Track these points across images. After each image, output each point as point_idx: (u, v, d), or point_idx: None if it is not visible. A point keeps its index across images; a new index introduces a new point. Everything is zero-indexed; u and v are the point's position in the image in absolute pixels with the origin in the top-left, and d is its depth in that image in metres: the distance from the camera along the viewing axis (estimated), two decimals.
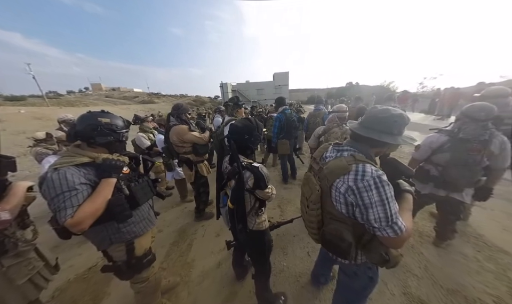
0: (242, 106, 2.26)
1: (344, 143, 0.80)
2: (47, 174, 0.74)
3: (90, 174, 0.82)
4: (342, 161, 0.70)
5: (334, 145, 0.83)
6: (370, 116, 0.73)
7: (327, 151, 0.84)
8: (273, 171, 3.85)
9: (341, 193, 0.68)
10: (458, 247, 1.70)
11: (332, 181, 0.71)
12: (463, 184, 1.31)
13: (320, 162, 0.84)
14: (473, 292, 1.33)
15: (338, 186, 0.69)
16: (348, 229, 0.71)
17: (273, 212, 2.44)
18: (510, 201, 2.31)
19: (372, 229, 0.66)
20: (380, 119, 0.70)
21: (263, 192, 0.95)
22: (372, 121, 0.72)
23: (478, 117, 1.19)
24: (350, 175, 0.66)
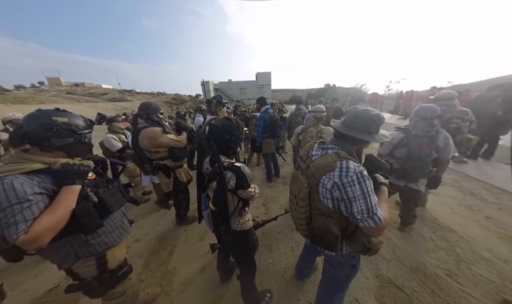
0: (225, 105, 2.21)
1: (329, 142, 0.85)
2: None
3: (46, 182, 0.72)
4: (328, 159, 0.74)
5: (319, 143, 0.88)
6: (352, 116, 0.78)
7: (313, 150, 0.89)
8: (257, 170, 3.89)
9: (328, 189, 0.72)
10: (418, 230, 1.95)
11: (318, 178, 0.75)
12: (417, 174, 1.53)
13: (307, 161, 0.87)
14: (430, 267, 1.54)
15: (325, 183, 0.73)
16: (335, 223, 0.76)
17: (258, 211, 2.47)
18: (456, 188, 2.73)
19: (355, 220, 0.72)
20: (360, 118, 0.76)
21: (246, 192, 0.95)
22: (353, 121, 0.78)
23: (426, 116, 1.41)
24: (335, 172, 0.71)
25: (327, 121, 1.46)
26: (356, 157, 0.78)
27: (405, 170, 1.56)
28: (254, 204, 2.65)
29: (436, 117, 1.41)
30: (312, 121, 2.10)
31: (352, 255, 0.87)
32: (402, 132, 1.57)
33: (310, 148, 0.92)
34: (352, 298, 1.35)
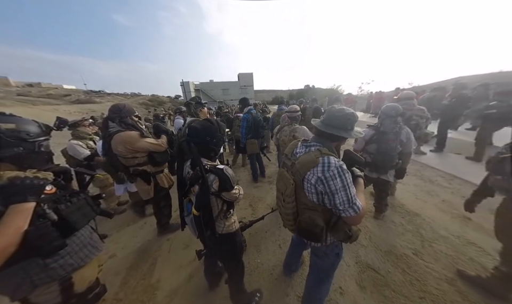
0: (205, 106, 2.15)
1: (311, 139, 0.91)
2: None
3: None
4: (311, 156, 0.79)
5: (302, 141, 0.94)
6: (330, 114, 0.85)
7: (297, 147, 0.93)
8: (243, 171, 3.88)
9: (312, 184, 0.77)
10: (390, 216, 2.16)
11: (303, 174, 0.79)
12: (387, 167, 1.71)
13: (292, 158, 0.91)
14: (401, 249, 1.73)
15: (309, 178, 0.77)
16: (319, 216, 0.81)
17: (245, 212, 2.46)
18: (418, 176, 3.11)
19: (338, 211, 0.77)
20: (337, 117, 0.83)
21: (230, 194, 0.94)
22: (331, 119, 0.84)
23: (391, 114, 1.58)
24: (319, 167, 0.75)
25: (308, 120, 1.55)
26: (335, 153, 0.84)
27: (377, 164, 1.73)
28: (241, 205, 2.63)
29: (399, 114, 1.60)
30: (287, 121, 2.18)
31: (335, 244, 0.93)
32: (372, 129, 1.74)
33: (294, 146, 0.96)
34: (336, 286, 1.44)
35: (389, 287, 1.41)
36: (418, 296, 1.33)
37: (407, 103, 2.32)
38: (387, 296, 1.35)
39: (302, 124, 2.23)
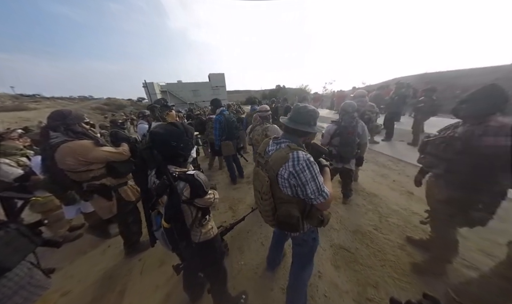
0: (173, 108, 2.00)
1: (281, 136, 0.96)
2: None
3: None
4: (282, 152, 0.85)
5: (273, 139, 0.98)
6: (295, 112, 0.92)
7: (269, 145, 0.97)
8: (221, 174, 3.79)
9: (285, 178, 0.83)
10: (355, 200, 2.46)
11: (276, 170, 0.84)
12: (349, 157, 1.94)
13: (265, 156, 0.95)
14: (365, 227, 1.99)
15: (282, 173, 0.83)
16: (295, 207, 0.87)
17: (225, 215, 2.41)
18: (373, 162, 3.62)
19: (310, 200, 0.85)
20: (301, 114, 0.90)
21: (203, 200, 0.91)
22: (296, 116, 0.90)
23: (348, 110, 1.82)
24: (289, 162, 0.81)
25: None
26: (303, 147, 0.92)
27: (341, 155, 1.95)
28: (221, 209, 2.57)
29: (355, 110, 1.84)
30: (259, 120, 2.25)
31: (312, 230, 1.02)
32: (335, 124, 1.95)
33: (266, 144, 1.00)
34: (315, 271, 1.55)
35: (357, 262, 1.60)
36: (380, 264, 1.56)
37: (360, 100, 2.69)
38: (357, 270, 1.53)
39: (276, 122, 2.33)
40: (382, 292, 1.36)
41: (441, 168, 1.23)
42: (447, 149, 1.16)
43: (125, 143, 1.63)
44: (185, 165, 0.99)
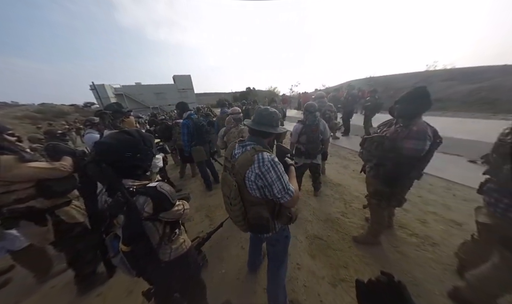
0: (131, 114, 1.75)
1: (246, 139, 0.97)
2: None
3: None
4: (247, 155, 0.85)
5: (239, 142, 0.97)
6: (258, 114, 0.94)
7: (235, 149, 0.96)
8: (194, 181, 3.58)
9: (252, 181, 0.83)
10: (324, 191, 2.70)
11: (243, 173, 0.83)
12: (315, 152, 2.13)
13: (231, 160, 0.94)
14: (333, 215, 2.20)
15: (249, 176, 0.83)
16: (265, 208, 0.88)
17: (201, 225, 2.28)
18: (336, 156, 4.06)
19: (277, 199, 0.87)
20: (263, 116, 0.92)
21: (171, 213, 0.82)
22: (259, 118, 0.92)
23: (311, 110, 2.00)
24: (255, 164, 0.82)
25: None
26: (268, 148, 0.94)
27: (308, 151, 2.12)
28: (196, 218, 2.42)
29: (316, 110, 2.03)
30: (233, 122, 2.25)
31: (283, 229, 1.05)
32: (301, 123, 2.11)
33: (232, 148, 0.99)
34: (294, 264, 1.63)
35: (330, 247, 1.76)
36: (348, 246, 1.75)
37: (320, 101, 2.99)
38: (329, 255, 1.67)
39: None
40: (352, 270, 1.52)
41: (373, 162, 1.47)
42: (378, 146, 1.40)
43: (68, 156, 1.37)
44: (147, 177, 0.89)
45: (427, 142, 1.18)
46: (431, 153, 1.27)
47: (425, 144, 1.19)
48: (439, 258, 1.54)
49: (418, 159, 1.25)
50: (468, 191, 2.34)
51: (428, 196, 2.35)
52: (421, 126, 1.21)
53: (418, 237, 1.76)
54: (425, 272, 1.44)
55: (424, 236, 1.76)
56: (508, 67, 10.81)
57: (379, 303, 0.35)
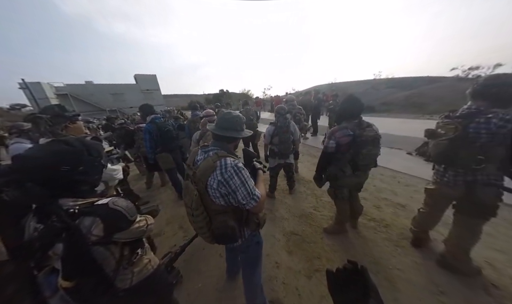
0: (78, 118, 1.44)
1: (210, 144, 0.91)
2: None
3: None
4: (209, 161, 0.81)
5: (201, 148, 0.92)
6: (220, 119, 0.91)
7: (197, 155, 0.91)
8: (165, 191, 3.28)
9: (215, 188, 0.79)
10: (298, 188, 2.86)
11: (205, 181, 0.79)
12: (288, 152, 2.24)
13: (193, 168, 0.88)
14: (307, 210, 2.35)
15: (211, 184, 0.79)
16: (230, 216, 0.84)
17: (174, 238, 2.10)
18: (308, 155, 4.38)
19: (242, 206, 0.83)
20: (226, 120, 0.89)
21: (129, 232, 0.72)
22: (223, 123, 0.89)
23: (281, 112, 2.11)
24: (217, 171, 0.78)
25: None
26: (234, 153, 0.92)
27: (281, 152, 2.22)
28: (168, 231, 2.21)
29: (287, 112, 2.15)
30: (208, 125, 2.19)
31: (253, 235, 1.01)
32: (273, 125, 2.19)
33: (195, 154, 0.94)
34: (273, 262, 1.66)
35: (305, 241, 1.87)
36: (320, 238, 1.89)
37: (291, 104, 3.19)
38: (305, 249, 1.78)
39: None
40: (324, 259, 1.65)
41: None
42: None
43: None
44: (100, 193, 0.76)
45: (330, 141, 1.48)
46: (346, 150, 1.46)
47: (328, 142, 1.49)
48: (390, 237, 1.82)
49: (332, 154, 1.53)
50: (408, 177, 2.87)
51: (380, 184, 2.77)
52: (336, 128, 1.49)
53: (375, 221, 2.04)
54: (381, 251, 1.68)
55: (379, 219, 2.06)
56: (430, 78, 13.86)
57: (346, 289, 0.38)
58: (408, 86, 13.17)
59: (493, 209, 1.17)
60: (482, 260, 1.46)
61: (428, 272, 1.45)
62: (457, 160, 1.15)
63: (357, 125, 1.43)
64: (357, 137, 1.39)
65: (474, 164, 1.10)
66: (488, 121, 1.01)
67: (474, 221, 1.24)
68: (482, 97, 1.08)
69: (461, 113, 1.15)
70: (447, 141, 1.15)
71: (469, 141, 1.08)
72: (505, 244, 1.62)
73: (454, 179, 1.22)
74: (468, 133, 1.07)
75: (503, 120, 0.98)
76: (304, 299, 1.36)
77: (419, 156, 3.49)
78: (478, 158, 1.08)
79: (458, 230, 1.32)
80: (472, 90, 1.13)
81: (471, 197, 1.17)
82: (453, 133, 1.12)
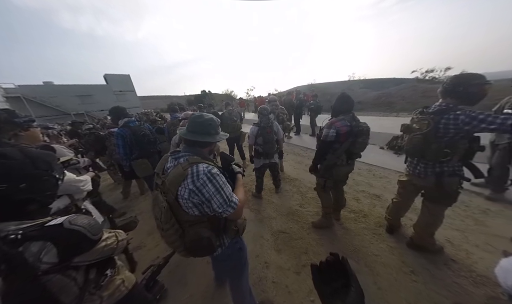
0: (31, 124, 1.24)
1: (182, 149, 0.84)
2: None
3: None
4: (179, 169, 0.73)
5: (171, 154, 0.84)
6: (191, 122, 0.83)
7: (168, 162, 0.84)
8: (144, 200, 3.04)
9: (186, 198, 0.72)
10: (284, 187, 2.91)
11: (175, 191, 0.71)
12: (272, 152, 2.28)
13: (162, 176, 0.81)
14: (293, 207, 2.41)
15: (182, 194, 0.71)
16: (207, 226, 0.78)
17: (157, 250, 1.97)
18: (292, 153, 4.50)
19: (219, 214, 0.77)
20: (198, 123, 0.82)
21: (93, 253, 0.63)
22: (194, 127, 0.82)
23: (264, 113, 2.14)
24: (188, 179, 0.71)
25: None
26: (208, 158, 0.86)
27: (266, 152, 2.24)
28: (150, 243, 2.06)
29: (270, 113, 2.18)
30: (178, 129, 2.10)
31: (234, 242, 0.94)
32: (256, 126, 2.20)
33: (165, 161, 0.86)
34: (262, 262, 1.66)
35: (292, 238, 1.91)
36: (306, 233, 1.95)
37: (273, 104, 3.24)
38: (293, 246, 1.81)
39: None
40: (311, 254, 1.71)
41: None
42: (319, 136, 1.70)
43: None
44: (40, 215, 0.62)
45: (331, 130, 1.53)
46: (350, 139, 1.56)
47: (329, 131, 1.53)
48: (368, 226, 1.97)
49: (331, 143, 1.58)
50: (382, 170, 3.14)
51: (358, 177, 2.98)
52: (334, 119, 1.56)
53: (355, 212, 2.19)
54: (361, 239, 1.81)
55: (358, 210, 2.21)
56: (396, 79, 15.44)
57: (329, 280, 0.39)
58: (378, 86, 14.51)
59: (456, 196, 1.33)
60: (443, 239, 1.67)
61: (400, 254, 1.60)
62: (428, 153, 1.27)
63: (352, 117, 1.57)
64: (354, 127, 1.53)
65: (442, 157, 1.23)
66: (457, 118, 1.11)
67: (440, 207, 1.40)
68: (451, 95, 1.19)
69: (433, 110, 1.26)
70: (420, 136, 1.27)
71: (439, 135, 1.19)
72: (461, 223, 1.87)
73: (424, 170, 1.35)
74: (439, 128, 1.18)
75: (469, 117, 1.07)
76: (293, 295, 1.39)
77: (389, 150, 3.86)
78: (445, 151, 1.20)
79: (425, 215, 1.48)
80: (442, 89, 1.24)
81: (438, 186, 1.31)
82: (426, 128, 1.24)
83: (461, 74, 1.20)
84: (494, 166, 2.09)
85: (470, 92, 1.12)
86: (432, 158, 1.26)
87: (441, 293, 1.29)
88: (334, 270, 0.39)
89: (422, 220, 1.52)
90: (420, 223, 1.53)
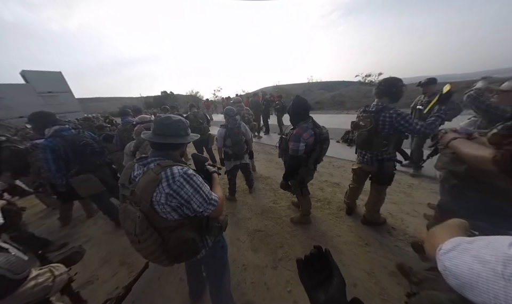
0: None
1: (149, 155, 0.80)
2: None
3: None
4: (150, 174, 0.70)
5: (137, 161, 0.79)
6: (159, 124, 0.79)
7: (134, 171, 0.77)
8: (94, 223, 2.54)
9: (163, 203, 0.69)
10: (258, 186, 2.95)
11: (149, 198, 0.68)
12: (242, 153, 2.27)
13: (130, 186, 0.74)
14: (267, 205, 2.47)
15: (158, 199, 0.68)
16: (188, 228, 0.76)
17: (115, 279, 1.68)
18: (263, 153, 4.62)
19: (200, 213, 0.77)
20: (166, 125, 0.79)
21: (19, 296, 0.51)
22: (162, 129, 0.78)
23: (230, 114, 2.12)
24: (163, 183, 0.68)
25: None
26: (180, 160, 0.83)
27: (235, 153, 2.22)
28: (105, 274, 1.74)
29: (236, 114, 2.17)
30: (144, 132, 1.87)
31: (217, 240, 0.97)
32: (224, 128, 2.16)
33: (130, 169, 0.79)
34: (240, 265, 1.63)
35: (268, 235, 1.95)
36: (280, 228, 2.04)
37: (239, 105, 3.25)
38: (269, 242, 1.86)
39: None
40: (286, 247, 1.79)
41: (283, 156, 1.84)
42: (282, 144, 1.73)
43: None
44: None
45: (300, 143, 1.47)
46: (317, 148, 1.59)
47: (299, 145, 1.47)
48: (332, 211, 2.21)
49: (301, 156, 1.54)
50: (339, 161, 3.59)
51: (321, 169, 3.32)
52: (299, 130, 1.49)
53: (320, 201, 2.42)
54: (327, 224, 2.02)
55: (323, 198, 2.46)
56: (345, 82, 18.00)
57: (314, 274, 0.41)
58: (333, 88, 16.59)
59: (393, 176, 1.65)
60: (386, 212, 2.04)
61: (357, 231, 1.87)
62: (372, 145, 1.54)
63: (313, 123, 1.58)
64: (318, 135, 1.54)
65: (381, 147, 1.51)
66: (390, 116, 1.36)
67: (383, 186, 1.71)
68: (386, 95, 1.45)
69: (372, 109, 1.50)
70: (366, 132, 1.52)
71: (379, 130, 1.44)
72: (397, 197, 2.34)
73: (370, 159, 1.63)
74: (378, 125, 1.42)
75: (400, 116, 1.34)
76: (272, 290, 1.42)
77: (344, 143, 4.46)
78: (384, 143, 1.48)
79: (373, 195, 1.78)
80: (378, 90, 1.49)
81: (381, 170, 1.61)
82: (370, 125, 1.48)
83: (389, 78, 1.48)
84: (413, 150, 2.73)
85: (398, 92, 1.42)
86: (376, 149, 1.53)
87: (387, 256, 1.58)
88: (318, 262, 0.41)
89: (371, 199, 1.81)
90: (370, 202, 1.83)
